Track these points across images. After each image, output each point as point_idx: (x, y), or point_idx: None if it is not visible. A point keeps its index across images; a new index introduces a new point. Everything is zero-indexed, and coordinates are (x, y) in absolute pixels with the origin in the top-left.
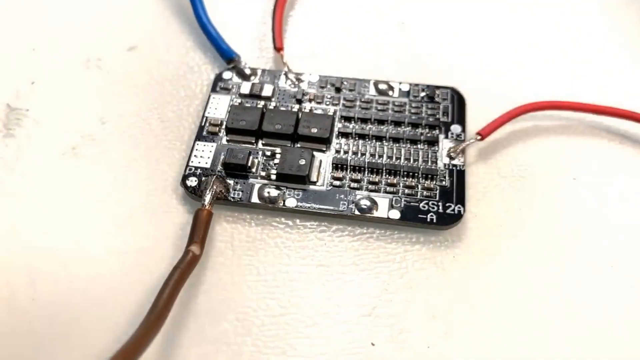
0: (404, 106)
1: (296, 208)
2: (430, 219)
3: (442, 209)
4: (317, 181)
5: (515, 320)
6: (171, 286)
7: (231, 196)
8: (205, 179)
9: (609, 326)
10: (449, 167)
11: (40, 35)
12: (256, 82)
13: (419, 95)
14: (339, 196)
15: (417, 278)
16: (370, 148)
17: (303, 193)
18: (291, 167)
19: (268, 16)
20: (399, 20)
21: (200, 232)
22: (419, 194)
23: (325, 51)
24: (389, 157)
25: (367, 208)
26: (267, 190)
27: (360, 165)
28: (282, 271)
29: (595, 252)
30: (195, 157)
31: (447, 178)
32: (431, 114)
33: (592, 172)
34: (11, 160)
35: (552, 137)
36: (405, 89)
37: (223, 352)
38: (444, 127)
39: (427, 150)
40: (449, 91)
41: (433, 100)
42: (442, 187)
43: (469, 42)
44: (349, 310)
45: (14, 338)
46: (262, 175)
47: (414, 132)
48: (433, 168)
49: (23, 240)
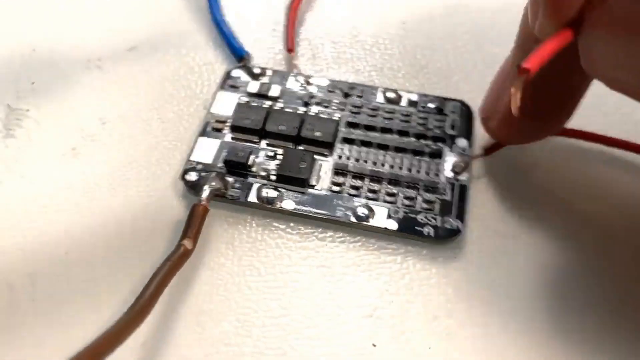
0: (410, 116)
1: (293, 210)
2: (427, 233)
3: (441, 223)
4: (317, 185)
5: (515, 320)
6: (159, 278)
7: (229, 194)
8: (205, 174)
9: (609, 326)
10: (451, 181)
11: (40, 35)
12: (265, 81)
13: (427, 106)
14: (336, 202)
15: (418, 279)
16: (373, 156)
17: (301, 196)
18: (291, 169)
19: (282, 17)
20: (412, 28)
21: (194, 227)
22: (418, 206)
23: (337, 56)
24: (392, 167)
25: (364, 216)
26: (265, 190)
27: (362, 173)
28: (283, 272)
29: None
30: (196, 152)
31: (449, 192)
32: (438, 126)
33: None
34: (11, 161)
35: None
36: (413, 98)
37: (223, 353)
38: (449, 140)
39: (431, 162)
40: (459, 104)
41: (441, 112)
42: (442, 200)
43: (479, 55)
44: (350, 311)
45: (13, 337)
46: (262, 175)
47: (418, 143)
48: (435, 181)
49: (23, 240)
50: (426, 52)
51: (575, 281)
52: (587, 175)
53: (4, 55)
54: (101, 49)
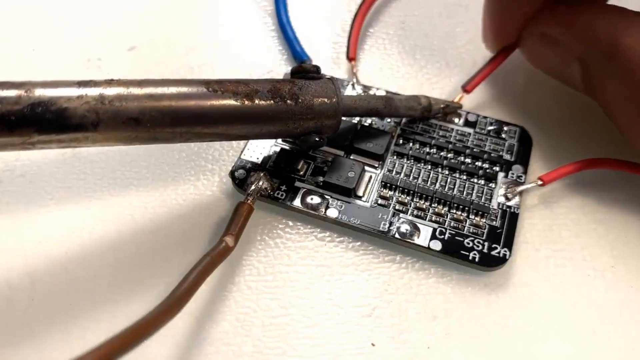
0: (467, 136)
1: (337, 219)
2: (473, 257)
3: (487, 249)
4: (363, 196)
5: (515, 320)
6: (197, 273)
7: (274, 195)
8: (254, 173)
9: (609, 326)
10: (502, 207)
11: (40, 35)
12: None
13: (485, 128)
14: (381, 215)
15: (417, 278)
16: (424, 173)
17: (346, 205)
18: (339, 178)
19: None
20: (412, 28)
21: (237, 225)
22: (465, 229)
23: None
24: (442, 186)
25: (408, 233)
26: (310, 196)
27: (410, 189)
28: (283, 271)
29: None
30: (248, 151)
31: (499, 218)
32: (494, 149)
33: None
34: (11, 160)
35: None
36: (472, 119)
37: (223, 353)
38: (505, 165)
39: (484, 186)
40: (518, 129)
41: (499, 135)
42: (491, 226)
43: (479, 55)
44: (350, 311)
45: (14, 337)
46: (310, 180)
47: (473, 165)
48: (486, 205)
49: (23, 240)
50: (426, 53)
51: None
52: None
53: (4, 55)
54: (101, 49)
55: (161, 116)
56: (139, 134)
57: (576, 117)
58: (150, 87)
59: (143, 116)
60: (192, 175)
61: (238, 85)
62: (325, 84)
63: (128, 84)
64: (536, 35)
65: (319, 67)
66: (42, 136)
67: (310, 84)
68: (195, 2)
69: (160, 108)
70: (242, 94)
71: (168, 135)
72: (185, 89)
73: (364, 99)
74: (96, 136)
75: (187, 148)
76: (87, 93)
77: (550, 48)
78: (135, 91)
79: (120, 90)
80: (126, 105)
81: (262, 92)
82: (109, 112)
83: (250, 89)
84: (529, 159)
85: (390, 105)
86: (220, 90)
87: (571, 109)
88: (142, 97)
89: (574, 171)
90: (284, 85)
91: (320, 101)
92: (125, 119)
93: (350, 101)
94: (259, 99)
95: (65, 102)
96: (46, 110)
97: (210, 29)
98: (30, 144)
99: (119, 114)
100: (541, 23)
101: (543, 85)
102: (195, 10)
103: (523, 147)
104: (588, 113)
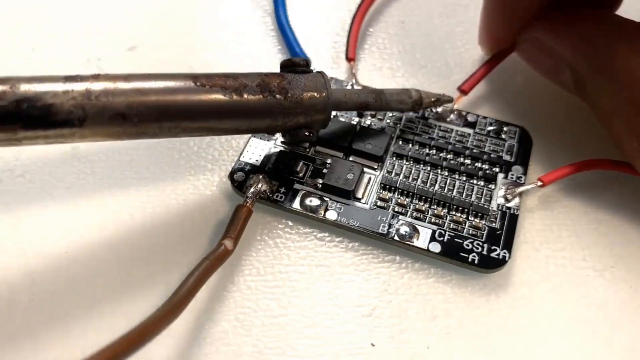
0: (467, 137)
1: (336, 221)
2: (472, 259)
3: (487, 251)
4: (362, 198)
5: (515, 320)
6: (196, 276)
7: (274, 198)
8: (253, 176)
9: (609, 326)
10: (502, 208)
11: (40, 35)
12: None
13: (485, 129)
14: (380, 217)
15: (417, 278)
16: (423, 174)
17: (345, 207)
18: (338, 180)
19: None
20: (412, 28)
21: (236, 228)
22: (465, 231)
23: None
24: (441, 187)
25: (407, 235)
26: (309, 198)
27: (409, 190)
28: (282, 271)
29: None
30: (247, 152)
31: (498, 220)
32: (494, 149)
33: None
34: (11, 160)
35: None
36: (471, 119)
37: (223, 353)
38: (505, 166)
39: (483, 187)
40: (518, 130)
41: (499, 136)
42: (491, 228)
43: (479, 55)
44: (349, 311)
45: (14, 337)
46: (309, 182)
47: (472, 166)
48: (485, 207)
49: (23, 240)
50: (426, 52)
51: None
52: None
53: (4, 55)
54: (101, 49)
55: (148, 111)
56: (126, 130)
57: (576, 117)
58: (137, 81)
59: (130, 111)
60: (191, 175)
61: (226, 80)
62: (315, 78)
63: (115, 78)
64: (531, 41)
65: (308, 61)
66: (28, 132)
67: (299, 78)
68: (195, 2)
69: (148, 103)
70: (231, 89)
71: (156, 130)
72: (172, 84)
73: (354, 92)
74: (83, 132)
75: (186, 148)
76: (74, 88)
77: (544, 54)
78: (122, 86)
79: (107, 85)
80: (113, 100)
81: (250, 86)
82: (95, 107)
83: (239, 84)
84: (528, 160)
85: (381, 99)
86: (209, 84)
87: (571, 109)
88: (129, 92)
89: (574, 172)
90: (273, 80)
91: (310, 95)
92: (112, 115)
93: (340, 95)
94: (247, 94)
95: (51, 97)
96: (32, 107)
97: (210, 29)
98: (16, 140)
99: (106, 110)
100: (535, 29)
101: (543, 86)
102: (195, 10)
103: (523, 148)
104: (588, 113)
